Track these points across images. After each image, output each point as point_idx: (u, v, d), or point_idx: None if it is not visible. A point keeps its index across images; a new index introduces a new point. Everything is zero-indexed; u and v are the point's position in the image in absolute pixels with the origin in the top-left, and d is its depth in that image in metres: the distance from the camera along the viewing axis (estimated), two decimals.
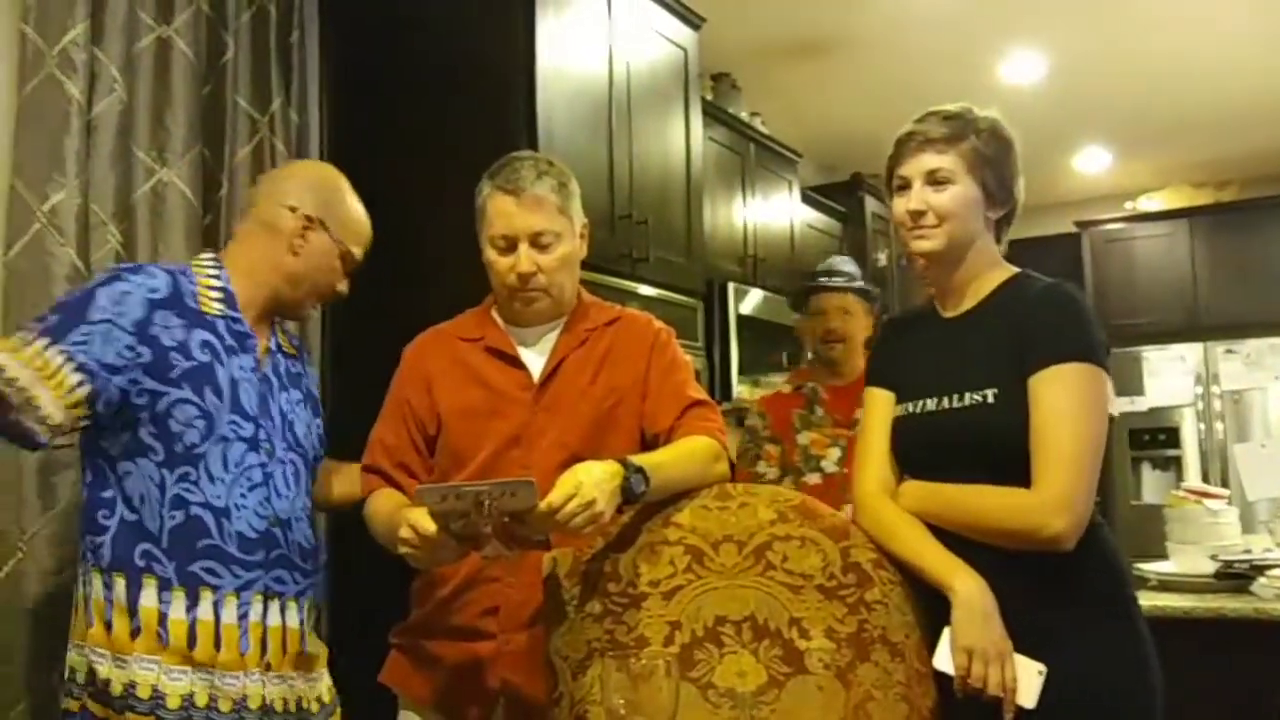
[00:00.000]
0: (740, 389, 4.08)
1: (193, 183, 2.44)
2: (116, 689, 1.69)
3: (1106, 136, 6.12)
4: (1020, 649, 1.52)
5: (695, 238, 3.53)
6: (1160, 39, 4.66)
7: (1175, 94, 5.31)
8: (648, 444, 1.84)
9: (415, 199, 2.73)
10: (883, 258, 5.71)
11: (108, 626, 1.72)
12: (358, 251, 1.99)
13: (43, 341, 1.67)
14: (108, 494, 1.76)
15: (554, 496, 1.53)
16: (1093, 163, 6.49)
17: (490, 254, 1.87)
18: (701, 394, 1.93)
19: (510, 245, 1.84)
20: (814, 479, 2.78)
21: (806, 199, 5.16)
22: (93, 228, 2.25)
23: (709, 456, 1.81)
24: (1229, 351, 6.19)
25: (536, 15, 2.76)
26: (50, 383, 1.65)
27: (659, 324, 1.99)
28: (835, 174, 5.82)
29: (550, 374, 1.87)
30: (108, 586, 1.73)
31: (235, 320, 1.86)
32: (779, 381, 2.89)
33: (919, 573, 1.61)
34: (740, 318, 4.15)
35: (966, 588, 1.54)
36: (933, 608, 1.60)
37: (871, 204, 5.62)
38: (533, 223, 1.83)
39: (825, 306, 2.91)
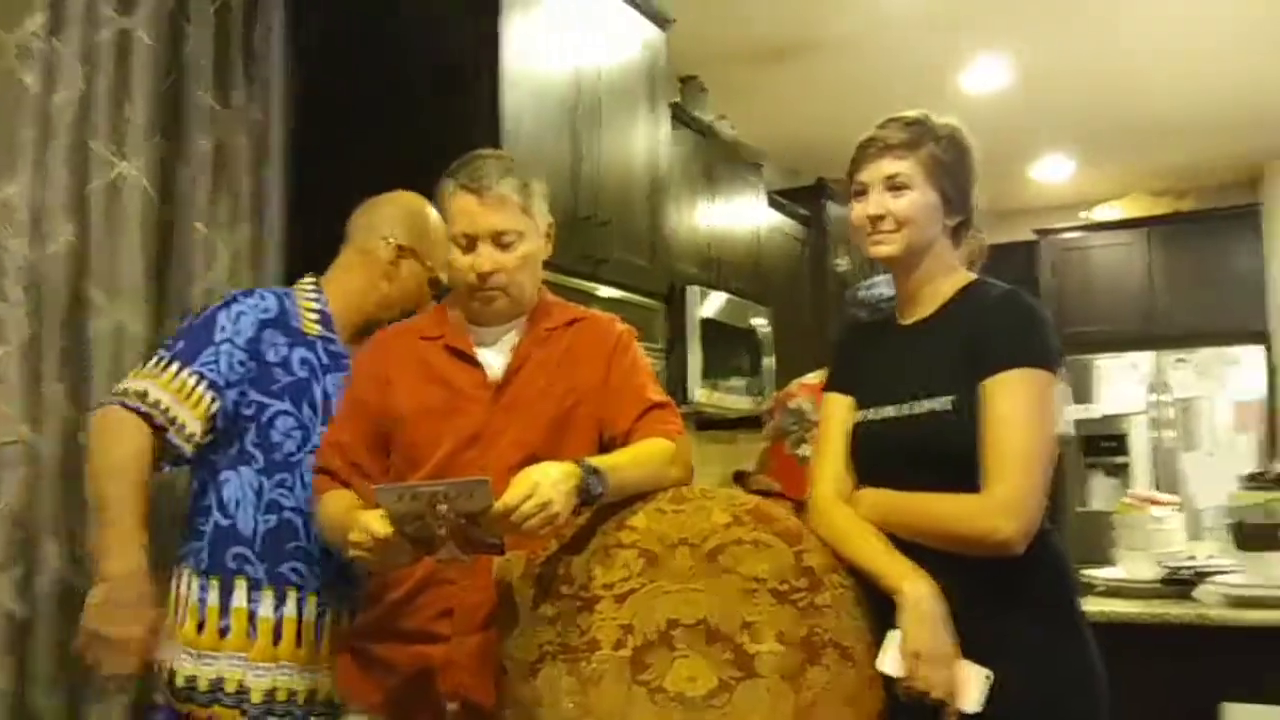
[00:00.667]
0: (700, 392, 4.10)
1: (152, 176, 2.42)
2: (203, 685, 1.87)
3: (1068, 145, 6.19)
4: (968, 655, 1.54)
5: (658, 240, 3.55)
6: (1123, 50, 4.73)
7: (1137, 104, 5.38)
8: (606, 446, 1.84)
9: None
10: (844, 262, 5.75)
11: (199, 627, 1.90)
12: (444, 276, 2.11)
13: (176, 365, 1.91)
14: (205, 502, 1.94)
15: (510, 496, 1.53)
16: (1054, 171, 6.56)
17: (451, 252, 1.87)
18: (662, 396, 1.93)
19: (471, 244, 1.83)
20: None
21: (771, 203, 5.19)
22: (46, 220, 2.23)
23: (666, 459, 1.81)
24: (1180, 360, 6.30)
25: (503, 13, 2.76)
26: (188, 402, 1.89)
27: (621, 325, 1.99)
28: (800, 178, 5.85)
29: (510, 373, 1.87)
30: (203, 589, 1.91)
31: (331, 341, 2.05)
32: (812, 376, 2.89)
33: (870, 576, 1.63)
34: (702, 321, 4.16)
35: (916, 591, 1.56)
36: (884, 611, 1.61)
37: (835, 209, 5.66)
38: (494, 222, 1.82)
39: None
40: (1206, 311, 6.29)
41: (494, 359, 1.89)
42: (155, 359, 1.93)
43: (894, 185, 1.69)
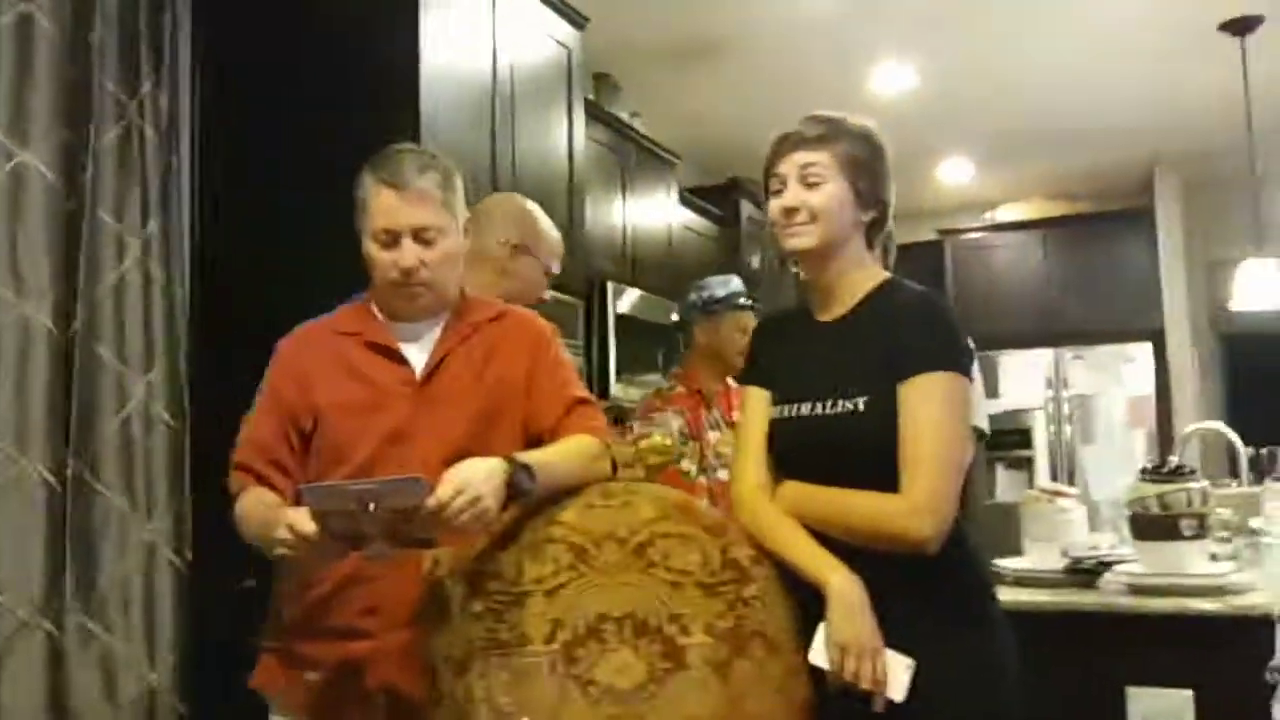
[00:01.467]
0: (617, 387, 4.11)
1: (55, 166, 2.34)
2: None
3: (969, 148, 6.36)
4: (889, 646, 1.57)
5: (576, 237, 3.54)
6: (1023, 58, 4.88)
7: (1034, 110, 5.56)
8: (531, 442, 1.84)
9: (293, 190, 2.67)
10: (755, 260, 5.82)
11: None
12: (556, 265, 2.41)
13: None
14: None
15: (441, 493, 1.52)
16: (956, 173, 6.73)
17: (371, 248, 1.83)
18: (584, 393, 1.94)
19: (393, 239, 1.81)
20: (724, 475, 2.83)
21: (684, 201, 5.22)
22: None
23: (592, 454, 1.82)
24: (1077, 357, 6.52)
25: (420, 9, 2.73)
26: None
27: (542, 322, 1.99)
28: (713, 177, 5.90)
29: (433, 370, 1.85)
30: None
31: None
32: (666, 385, 2.94)
33: (795, 569, 1.65)
34: (619, 317, 4.17)
35: (840, 583, 1.59)
36: (809, 603, 1.64)
37: (747, 208, 5.72)
38: (416, 217, 1.80)
39: (747, 324, 2.98)
40: (1102, 310, 6.52)
41: (415, 355, 1.87)
42: None
43: (809, 178, 1.72)
